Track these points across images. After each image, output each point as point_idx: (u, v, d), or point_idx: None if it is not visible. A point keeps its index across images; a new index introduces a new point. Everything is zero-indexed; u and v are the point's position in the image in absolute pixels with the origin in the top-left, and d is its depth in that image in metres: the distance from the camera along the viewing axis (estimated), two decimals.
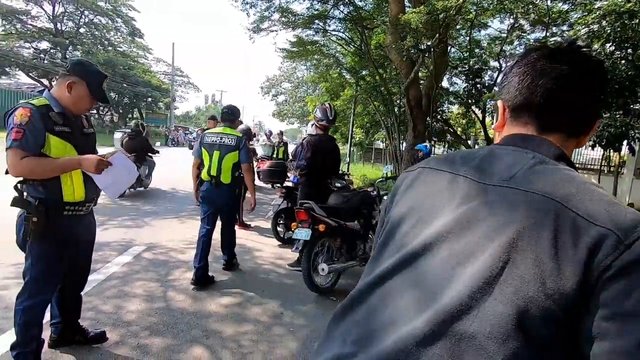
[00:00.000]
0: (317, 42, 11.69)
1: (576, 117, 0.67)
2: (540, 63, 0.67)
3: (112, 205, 6.05)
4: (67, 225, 1.91)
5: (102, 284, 3.12)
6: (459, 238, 0.57)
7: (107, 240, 4.26)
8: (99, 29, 30.39)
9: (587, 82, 0.65)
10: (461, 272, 0.54)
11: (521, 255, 0.51)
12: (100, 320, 2.57)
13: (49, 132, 1.78)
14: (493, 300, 0.51)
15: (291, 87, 38.63)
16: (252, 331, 2.64)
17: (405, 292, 0.58)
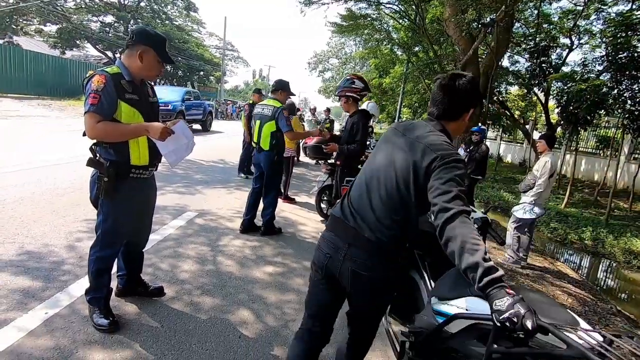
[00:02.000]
0: (369, 15, 11.25)
1: (451, 111, 1.44)
2: (437, 83, 1.49)
3: (167, 173, 6.46)
4: (133, 186, 2.07)
5: (159, 244, 3.38)
6: (392, 153, 1.42)
7: (164, 205, 4.58)
8: (157, 2, 31.57)
9: (457, 94, 1.42)
10: (388, 163, 1.41)
11: (405, 157, 1.36)
12: (159, 277, 2.80)
13: (120, 99, 1.91)
14: (393, 170, 1.37)
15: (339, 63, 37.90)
16: (295, 300, 2.74)
17: (371, 178, 1.45)
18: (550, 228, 7.64)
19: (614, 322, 3.46)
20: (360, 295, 1.45)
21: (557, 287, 4.12)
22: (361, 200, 1.43)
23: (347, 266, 1.40)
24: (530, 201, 4.30)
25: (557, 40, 11.45)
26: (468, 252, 1.08)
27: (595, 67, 10.50)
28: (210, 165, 7.94)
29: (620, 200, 9.37)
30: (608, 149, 11.28)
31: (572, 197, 9.70)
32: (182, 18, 35.50)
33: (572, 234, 7.26)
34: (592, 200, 9.74)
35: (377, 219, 1.36)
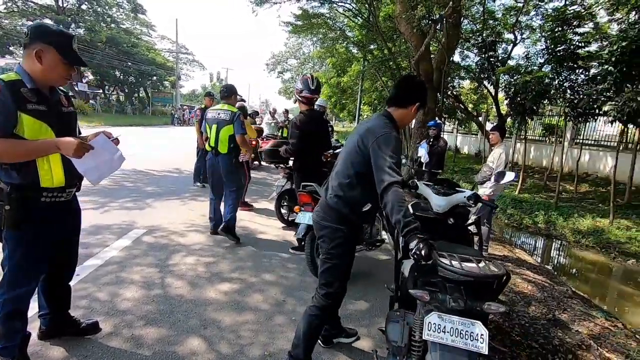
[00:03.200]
0: (323, 14, 11.17)
1: (400, 99, 1.92)
2: (401, 79, 2.21)
3: (114, 187, 5.96)
4: (46, 213, 1.76)
5: (98, 270, 3.03)
6: (349, 140, 1.97)
7: (107, 223, 4.17)
8: (100, 5, 29.69)
9: (407, 87, 1.96)
10: (345, 147, 1.99)
11: (356, 144, 1.85)
12: (94, 309, 2.47)
13: (20, 110, 1.60)
14: (346, 151, 1.94)
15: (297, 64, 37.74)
16: (252, 320, 2.53)
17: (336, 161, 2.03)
18: (507, 215, 7.94)
19: (571, 305, 3.56)
20: (318, 239, 1.99)
21: (517, 274, 4.21)
22: (330, 177, 2.02)
23: (314, 219, 2.04)
24: (489, 193, 4.36)
25: (502, 35, 12.00)
26: (395, 212, 1.58)
27: (537, 59, 11.15)
28: (163, 175, 7.46)
29: (566, 183, 9.95)
30: (553, 135, 12.00)
31: (524, 183, 10.18)
32: (129, 21, 33.69)
33: (526, 218, 7.58)
34: (542, 185, 10.28)
35: (332, 185, 1.95)
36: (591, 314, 3.42)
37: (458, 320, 1.45)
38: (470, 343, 1.41)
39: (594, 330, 3.08)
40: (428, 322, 1.48)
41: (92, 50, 27.20)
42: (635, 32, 6.02)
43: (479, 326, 1.42)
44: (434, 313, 1.49)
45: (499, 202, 8.34)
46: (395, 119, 1.90)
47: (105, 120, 21.31)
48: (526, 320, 3.07)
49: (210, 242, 3.96)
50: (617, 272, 5.44)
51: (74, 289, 2.65)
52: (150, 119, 31.21)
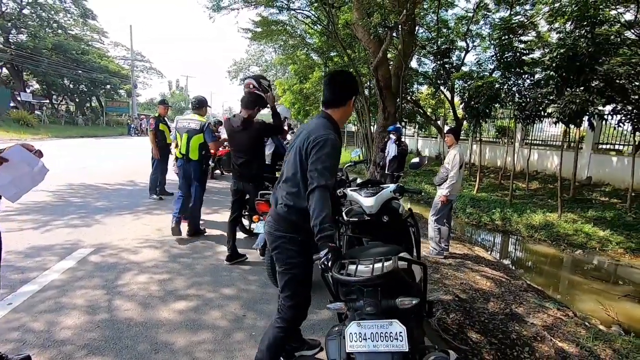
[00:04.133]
0: (282, 21, 11.15)
1: (334, 100, 1.88)
2: (325, 80, 1.95)
3: (59, 203, 5.51)
4: None
5: (34, 297, 2.74)
6: (292, 146, 1.87)
7: (49, 244, 3.82)
8: (45, 9, 27.85)
9: (336, 86, 1.87)
10: (290, 153, 1.88)
11: (298, 151, 1.78)
12: (27, 342, 2.21)
13: None
14: (290, 157, 1.86)
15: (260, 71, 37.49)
16: (209, 339, 2.38)
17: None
18: (466, 213, 8.25)
19: (526, 299, 3.71)
20: (273, 251, 1.89)
21: (476, 272, 4.34)
22: (277, 184, 1.96)
23: (266, 230, 1.94)
24: (446, 193, 4.48)
25: (455, 43, 12.60)
26: (314, 216, 1.58)
27: (488, 66, 11.80)
28: (116, 189, 7.02)
29: (519, 181, 10.53)
30: (505, 137, 12.70)
31: (481, 182, 10.66)
32: (78, 27, 31.87)
33: (484, 216, 7.91)
34: (497, 184, 10.82)
35: (280, 195, 1.86)
36: (545, 305, 3.57)
37: (375, 324, 1.43)
38: (390, 344, 1.39)
39: (547, 321, 3.21)
40: (349, 333, 1.45)
41: (37, 57, 25.39)
42: (571, 40, 6.51)
43: (395, 324, 1.41)
44: (353, 323, 1.46)
45: (459, 202, 8.66)
46: (336, 120, 1.87)
47: (53, 132, 19.93)
48: (485, 316, 3.15)
49: (165, 257, 3.73)
50: (566, 263, 5.79)
51: (5, 320, 2.40)
52: (104, 129, 29.60)
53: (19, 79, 27.80)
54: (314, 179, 1.63)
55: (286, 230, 1.83)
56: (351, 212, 2.68)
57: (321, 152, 1.67)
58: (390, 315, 1.45)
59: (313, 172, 1.65)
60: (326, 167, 1.65)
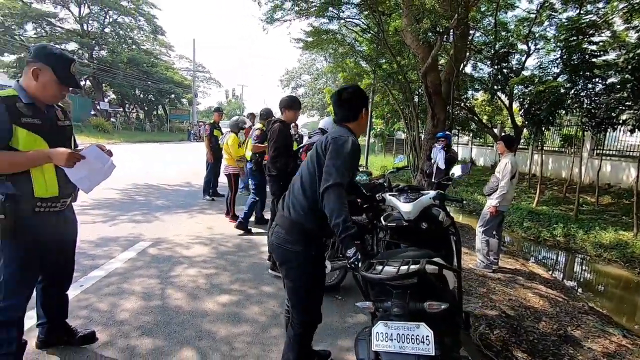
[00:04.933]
0: (332, 30, 11.36)
1: (346, 116, 1.86)
2: (333, 98, 1.91)
3: (126, 200, 6.12)
4: (41, 222, 1.81)
5: (101, 281, 3.08)
6: (310, 154, 1.84)
7: (115, 235, 4.27)
8: (122, 28, 31.18)
9: (344, 103, 1.86)
10: (308, 157, 1.85)
11: (316, 153, 1.76)
12: (93, 319, 2.51)
13: (15, 123, 1.67)
14: (309, 161, 1.81)
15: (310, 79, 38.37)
16: (248, 332, 2.51)
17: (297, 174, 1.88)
18: (523, 227, 7.69)
19: (585, 322, 3.38)
20: (282, 266, 1.81)
21: (528, 289, 4.04)
22: (289, 192, 1.86)
23: (271, 241, 1.84)
24: (495, 203, 4.25)
25: (515, 46, 11.91)
26: (335, 215, 1.53)
27: (552, 69, 10.98)
28: (174, 189, 7.61)
29: (587, 195, 9.59)
30: (571, 146, 11.66)
31: (542, 195, 9.88)
32: (149, 42, 35.16)
33: (544, 231, 7.32)
34: (561, 197, 9.94)
35: (295, 197, 1.77)
36: (607, 330, 3.23)
37: (402, 325, 1.43)
38: (416, 347, 1.39)
39: (609, 347, 2.90)
40: (375, 332, 1.46)
41: (114, 70, 28.42)
42: None
43: (423, 327, 1.40)
44: (379, 322, 1.48)
45: (515, 215, 8.11)
46: (353, 131, 1.83)
47: (125, 137, 22.06)
48: (535, 336, 2.93)
49: (213, 253, 3.98)
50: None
51: (77, 299, 2.72)
52: (167, 135, 32.10)
53: (99, 90, 31.29)
54: (331, 175, 1.57)
55: (298, 242, 1.73)
56: (390, 218, 2.67)
57: (340, 150, 1.64)
58: (418, 319, 1.44)
59: (330, 168, 1.59)
60: (345, 165, 1.62)
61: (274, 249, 1.82)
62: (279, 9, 9.80)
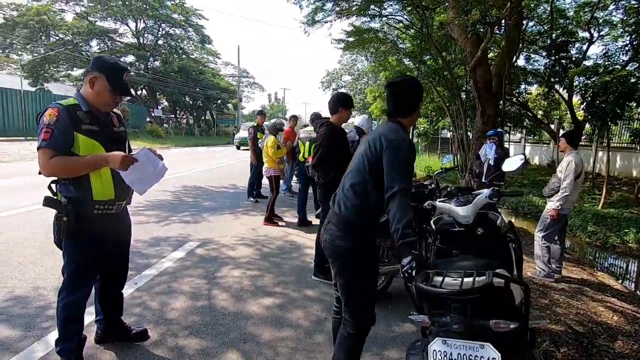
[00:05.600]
0: (374, 29, 11.16)
1: (400, 110, 1.79)
2: (389, 90, 1.84)
3: (176, 202, 6.42)
4: (99, 223, 1.91)
5: (153, 280, 3.22)
6: (360, 147, 1.83)
7: (167, 235, 4.47)
8: (174, 39, 33.14)
9: (408, 98, 1.78)
10: (357, 154, 1.83)
11: (367, 151, 1.72)
12: (146, 317, 2.61)
13: (76, 130, 1.79)
14: (359, 157, 1.78)
15: (352, 80, 38.17)
16: (291, 337, 2.47)
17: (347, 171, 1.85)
18: (587, 232, 7.00)
19: None
20: (334, 263, 1.78)
21: (598, 302, 3.62)
22: (340, 188, 1.84)
23: (324, 238, 1.81)
24: (557, 206, 3.87)
25: (575, 34, 10.92)
26: (396, 220, 1.49)
27: (620, 57, 9.91)
28: (221, 191, 7.88)
29: None
30: None
31: (609, 196, 8.94)
32: (198, 51, 37.03)
33: (613, 236, 6.60)
34: (632, 198, 8.92)
35: (345, 194, 1.76)
36: None
37: (464, 345, 1.28)
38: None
39: None
40: (432, 350, 1.33)
41: (166, 79, 30.29)
42: None
43: (488, 349, 1.24)
44: (437, 339, 1.33)
45: (578, 218, 7.41)
46: (406, 126, 1.79)
47: (176, 142, 23.38)
48: (610, 356, 2.60)
49: (257, 255, 4.03)
50: None
51: (131, 297, 2.85)
52: (215, 139, 33.55)
53: (154, 98, 33.52)
54: (395, 182, 1.55)
55: (349, 239, 1.71)
56: (440, 222, 2.51)
57: (399, 154, 1.60)
58: (481, 337, 1.30)
59: (392, 174, 1.57)
60: (406, 169, 1.60)
61: (326, 246, 1.79)
62: (320, 11, 9.81)
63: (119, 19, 29.29)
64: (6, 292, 2.83)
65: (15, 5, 25.93)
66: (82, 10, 28.06)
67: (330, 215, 1.82)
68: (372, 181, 1.67)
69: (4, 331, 2.33)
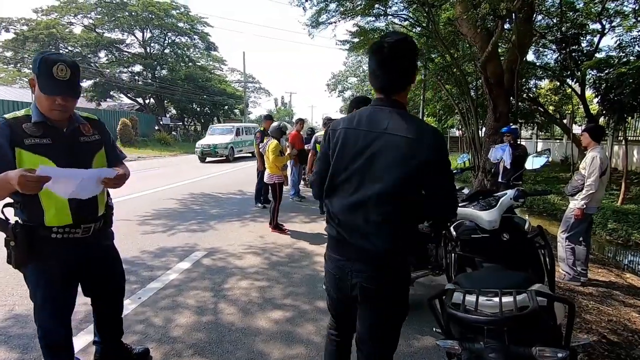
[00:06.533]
0: (379, 28, 11.00)
1: (402, 84, 1.35)
2: (381, 54, 1.31)
3: (183, 210, 6.32)
4: (60, 248, 1.66)
5: (158, 293, 3.09)
6: (372, 155, 1.32)
7: (172, 246, 4.35)
8: (180, 47, 33.40)
9: (402, 59, 1.31)
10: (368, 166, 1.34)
11: (400, 155, 1.27)
12: (149, 335, 2.47)
13: (18, 146, 1.52)
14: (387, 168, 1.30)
15: (357, 81, 38.02)
16: (302, 355, 2.31)
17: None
18: (607, 230, 6.71)
19: None
20: (367, 305, 1.41)
21: (631, 307, 3.38)
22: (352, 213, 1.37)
23: (359, 283, 1.35)
24: (582, 205, 3.65)
25: (586, 26, 10.63)
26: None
27: (634, 48, 9.59)
28: (228, 197, 7.76)
29: None
30: None
31: (628, 192, 8.60)
32: (204, 58, 37.29)
33: (635, 234, 6.31)
34: None
35: (374, 216, 1.32)
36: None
37: None
38: None
39: None
40: None
41: (174, 87, 30.53)
42: None
43: None
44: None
45: (597, 216, 7.10)
46: (405, 106, 1.39)
47: (184, 149, 23.43)
48: None
49: (265, 264, 3.88)
50: None
51: (134, 313, 2.73)
52: None
53: (162, 106, 33.78)
54: (447, 208, 1.34)
55: (390, 277, 1.34)
56: (461, 227, 2.33)
57: (447, 166, 1.31)
58: None
59: (446, 195, 1.31)
60: (454, 187, 1.38)
61: (361, 291, 1.43)
62: (323, 12, 9.70)
63: (126, 30, 29.63)
64: (6, 311, 2.72)
65: (25, 20, 26.46)
66: (90, 22, 28.47)
67: (350, 253, 1.44)
68: (409, 192, 1.35)
69: (1, 353, 2.21)
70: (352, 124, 1.36)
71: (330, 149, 1.41)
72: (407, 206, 1.30)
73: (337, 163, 1.37)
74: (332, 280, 1.45)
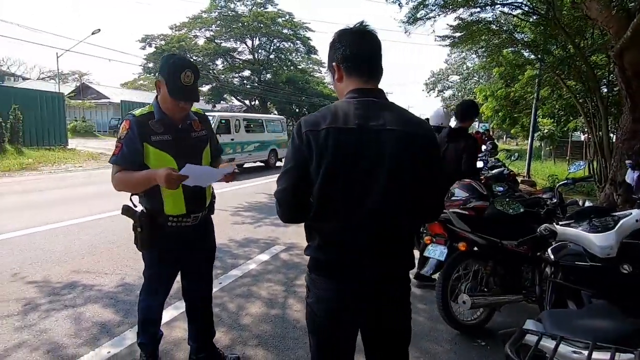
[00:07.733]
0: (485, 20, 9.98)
1: (380, 72, 1.23)
2: (371, 40, 1.22)
3: (271, 204, 6.69)
4: (174, 236, 1.86)
5: (237, 281, 3.32)
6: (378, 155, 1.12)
7: (256, 237, 4.65)
8: (283, 52, 35.84)
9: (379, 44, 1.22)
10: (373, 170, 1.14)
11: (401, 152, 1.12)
12: (222, 319, 2.66)
13: (146, 142, 1.72)
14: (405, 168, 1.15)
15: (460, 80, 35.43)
16: None
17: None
18: None
19: None
20: (388, 316, 1.25)
21: None
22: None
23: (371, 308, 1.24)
24: None
25: None
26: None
27: None
28: None
29: None
30: None
31: None
32: (304, 62, 39.29)
33: None
34: None
35: (395, 224, 1.22)
36: None
37: None
38: None
39: None
40: None
41: (276, 90, 32.92)
42: None
43: None
44: None
45: None
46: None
47: None
48: None
49: None
50: None
51: (214, 296, 2.89)
52: None
53: (265, 108, 36.76)
54: (435, 210, 1.29)
55: (406, 280, 1.26)
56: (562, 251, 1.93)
57: (441, 163, 1.32)
58: None
59: (438, 194, 1.30)
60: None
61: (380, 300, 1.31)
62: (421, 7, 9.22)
63: (239, 39, 33.06)
64: (119, 279, 3.25)
65: (163, 36, 31.66)
66: (210, 34, 32.60)
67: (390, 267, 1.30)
68: (423, 190, 1.24)
69: (109, 315, 2.64)
70: (337, 122, 1.08)
71: (314, 155, 1.08)
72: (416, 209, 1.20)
73: (330, 171, 1.08)
74: (330, 313, 1.22)
